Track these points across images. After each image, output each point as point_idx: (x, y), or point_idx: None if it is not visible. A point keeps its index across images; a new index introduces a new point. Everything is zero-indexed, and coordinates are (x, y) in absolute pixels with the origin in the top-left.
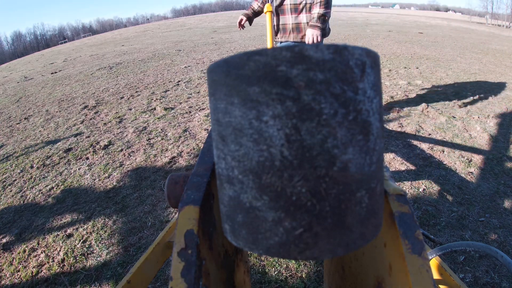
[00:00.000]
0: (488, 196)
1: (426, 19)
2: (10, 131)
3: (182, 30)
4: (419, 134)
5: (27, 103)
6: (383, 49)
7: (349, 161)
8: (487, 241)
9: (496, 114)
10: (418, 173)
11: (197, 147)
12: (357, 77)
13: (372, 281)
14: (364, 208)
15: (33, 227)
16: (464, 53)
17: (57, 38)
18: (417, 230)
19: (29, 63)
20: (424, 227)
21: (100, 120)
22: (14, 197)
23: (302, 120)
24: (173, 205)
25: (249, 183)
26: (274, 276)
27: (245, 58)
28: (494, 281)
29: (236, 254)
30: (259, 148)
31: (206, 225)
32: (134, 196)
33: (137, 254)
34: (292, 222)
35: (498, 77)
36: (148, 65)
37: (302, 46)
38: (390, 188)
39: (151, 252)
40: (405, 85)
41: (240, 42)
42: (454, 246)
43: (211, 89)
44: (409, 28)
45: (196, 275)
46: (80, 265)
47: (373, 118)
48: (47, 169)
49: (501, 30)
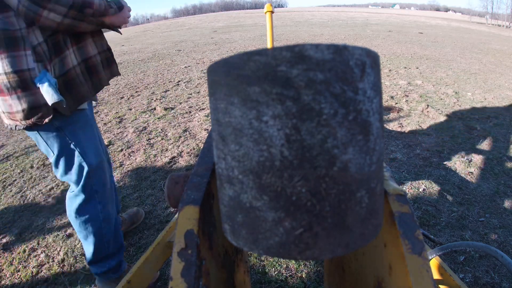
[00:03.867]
0: (488, 196)
1: (426, 19)
2: (10, 131)
3: (182, 30)
4: (419, 134)
5: None
6: (383, 49)
7: (349, 161)
8: (487, 241)
9: (496, 114)
10: (418, 173)
11: (197, 147)
12: (357, 77)
13: (372, 281)
14: (364, 208)
15: (33, 227)
16: (464, 53)
17: None
18: (417, 230)
19: None
20: (424, 227)
21: (100, 120)
22: (14, 197)
23: (302, 120)
24: (173, 205)
25: (249, 183)
26: (274, 276)
27: (245, 58)
28: (494, 281)
29: (236, 254)
30: (259, 148)
31: (206, 225)
32: (134, 196)
33: (137, 254)
34: (292, 222)
35: (498, 77)
36: (148, 65)
37: (302, 46)
38: (390, 188)
39: (151, 252)
40: (405, 85)
41: (240, 42)
42: (454, 246)
43: (211, 89)
44: (409, 28)
45: (196, 275)
46: (80, 265)
47: (373, 118)
48: (47, 169)
49: (501, 30)
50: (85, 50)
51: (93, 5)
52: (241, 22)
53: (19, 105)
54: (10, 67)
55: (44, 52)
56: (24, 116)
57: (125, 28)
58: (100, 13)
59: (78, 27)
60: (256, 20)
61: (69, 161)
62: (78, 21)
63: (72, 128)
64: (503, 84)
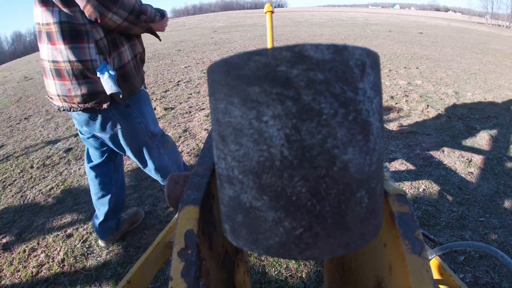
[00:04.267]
0: (488, 196)
1: (426, 19)
2: (10, 131)
3: (182, 30)
4: (419, 134)
5: (27, 103)
6: (383, 49)
7: (349, 161)
8: (487, 241)
9: (496, 114)
10: (418, 173)
11: (197, 147)
12: (357, 77)
13: (372, 281)
14: (364, 208)
15: (33, 227)
16: (464, 53)
17: None
18: (417, 230)
19: (29, 63)
20: (424, 227)
21: None
22: (14, 197)
23: (302, 120)
24: (173, 205)
25: (249, 183)
26: (274, 276)
27: (245, 58)
28: (494, 281)
29: (236, 254)
30: (259, 148)
31: (206, 225)
32: (134, 196)
33: (137, 254)
34: (292, 222)
35: (498, 77)
36: (148, 65)
37: (302, 46)
38: (390, 188)
39: (151, 252)
40: (405, 85)
41: (240, 42)
42: (454, 246)
43: (211, 89)
44: (409, 28)
45: (196, 275)
46: (80, 265)
47: (373, 118)
48: (47, 169)
49: (501, 30)
50: (135, 47)
51: (147, 12)
52: (241, 22)
53: (79, 90)
54: (74, 56)
55: (105, 46)
56: (82, 100)
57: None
58: (150, 19)
59: (131, 30)
60: (256, 20)
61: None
62: (133, 25)
63: (138, 105)
64: (503, 84)
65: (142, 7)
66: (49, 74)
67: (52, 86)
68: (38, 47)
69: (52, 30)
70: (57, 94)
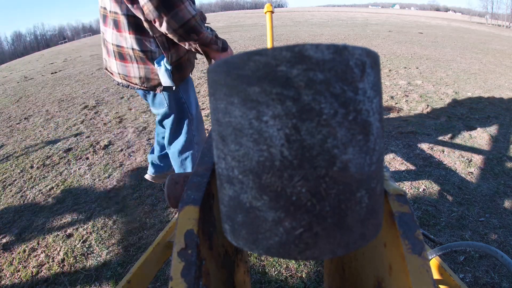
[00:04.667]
0: (488, 196)
1: (426, 19)
2: (10, 131)
3: None
4: (419, 134)
5: (27, 103)
6: (383, 49)
7: (349, 161)
8: (487, 241)
9: (496, 114)
10: (418, 173)
11: None
12: (357, 77)
13: (372, 281)
14: (364, 208)
15: (33, 227)
16: (464, 53)
17: (57, 38)
18: (417, 230)
19: (29, 63)
20: (424, 227)
21: (100, 120)
22: (14, 197)
23: (302, 120)
24: (173, 205)
25: (249, 183)
26: (274, 276)
27: (245, 58)
28: (494, 281)
29: (236, 254)
30: (259, 148)
31: (206, 225)
32: (134, 196)
33: (137, 254)
34: (292, 222)
35: (498, 77)
36: None
37: (302, 46)
38: (390, 188)
39: (151, 252)
40: (405, 85)
41: (240, 42)
42: (454, 246)
43: (211, 89)
44: (409, 28)
45: (196, 275)
46: (80, 265)
47: (373, 118)
48: (47, 169)
49: (501, 30)
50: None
51: (201, 34)
52: (241, 22)
53: (137, 73)
54: (137, 46)
55: (163, 43)
56: (140, 82)
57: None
58: (202, 43)
59: (178, 42)
60: (256, 20)
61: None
62: (182, 39)
63: (185, 87)
64: (503, 84)
65: (197, 27)
66: (112, 55)
67: (114, 65)
68: (101, 28)
69: (120, 19)
70: (118, 72)
